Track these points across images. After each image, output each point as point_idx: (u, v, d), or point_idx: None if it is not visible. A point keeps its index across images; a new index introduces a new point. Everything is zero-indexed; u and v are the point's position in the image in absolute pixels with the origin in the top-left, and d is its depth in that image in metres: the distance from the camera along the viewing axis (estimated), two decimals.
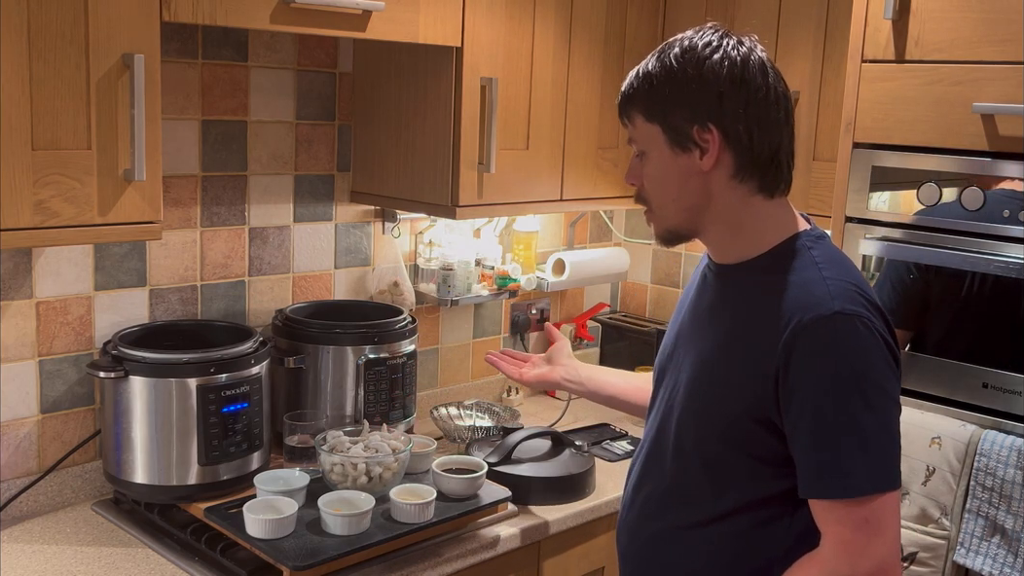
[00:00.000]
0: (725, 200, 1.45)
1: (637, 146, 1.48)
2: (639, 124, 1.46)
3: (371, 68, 2.37)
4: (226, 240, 2.27)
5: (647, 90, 1.44)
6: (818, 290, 1.38)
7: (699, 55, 1.41)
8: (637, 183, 1.51)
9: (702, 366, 1.50)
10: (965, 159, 1.90)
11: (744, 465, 1.45)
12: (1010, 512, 1.83)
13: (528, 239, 2.78)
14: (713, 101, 1.40)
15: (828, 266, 1.42)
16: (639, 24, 2.55)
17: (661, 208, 1.49)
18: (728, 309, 1.49)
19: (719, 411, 1.45)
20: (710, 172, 1.43)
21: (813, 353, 1.35)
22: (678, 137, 1.43)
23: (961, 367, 1.93)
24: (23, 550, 1.88)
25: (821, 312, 1.35)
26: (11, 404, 2.00)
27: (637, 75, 1.46)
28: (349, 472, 1.95)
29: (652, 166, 1.47)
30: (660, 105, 1.43)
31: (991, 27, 1.85)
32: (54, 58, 1.60)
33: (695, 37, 1.44)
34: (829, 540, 1.36)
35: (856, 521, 1.33)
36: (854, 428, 1.34)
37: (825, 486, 1.35)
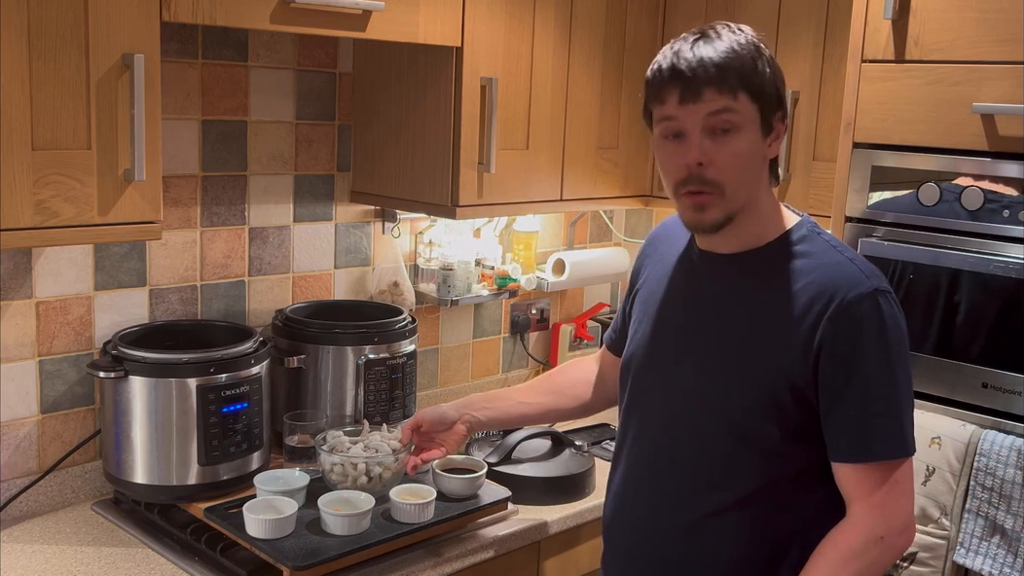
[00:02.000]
0: (762, 186, 1.53)
1: (729, 119, 1.43)
2: (742, 100, 1.44)
3: (371, 68, 2.37)
4: (226, 240, 2.27)
5: (754, 68, 1.45)
6: (850, 269, 1.47)
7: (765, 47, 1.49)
8: (705, 161, 1.44)
9: (729, 349, 1.52)
10: (965, 159, 1.90)
11: (776, 441, 1.49)
12: (1010, 512, 1.83)
13: (528, 239, 2.78)
14: (783, 90, 1.51)
15: (845, 249, 1.53)
16: (639, 24, 2.55)
17: (736, 190, 1.47)
18: (754, 292, 1.52)
19: (756, 388, 1.49)
20: (767, 159, 1.51)
21: (860, 328, 1.43)
22: (768, 121, 1.48)
23: (961, 367, 1.93)
24: (23, 550, 1.88)
25: (862, 290, 1.44)
26: (11, 404, 2.00)
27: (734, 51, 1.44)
28: (349, 472, 1.95)
29: (742, 145, 1.45)
30: (764, 86, 1.46)
31: (991, 27, 1.85)
32: (54, 58, 1.60)
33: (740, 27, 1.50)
34: (862, 504, 1.46)
35: (889, 483, 1.45)
36: (899, 395, 1.45)
37: (876, 449, 1.45)
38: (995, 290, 1.88)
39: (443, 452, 1.94)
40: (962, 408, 1.93)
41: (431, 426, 1.93)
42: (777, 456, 1.50)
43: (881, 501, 1.45)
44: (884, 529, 1.45)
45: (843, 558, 1.45)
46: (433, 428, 1.93)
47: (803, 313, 1.46)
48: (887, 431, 1.45)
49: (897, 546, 1.47)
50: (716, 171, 1.44)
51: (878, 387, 1.44)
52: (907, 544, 1.49)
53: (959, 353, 1.93)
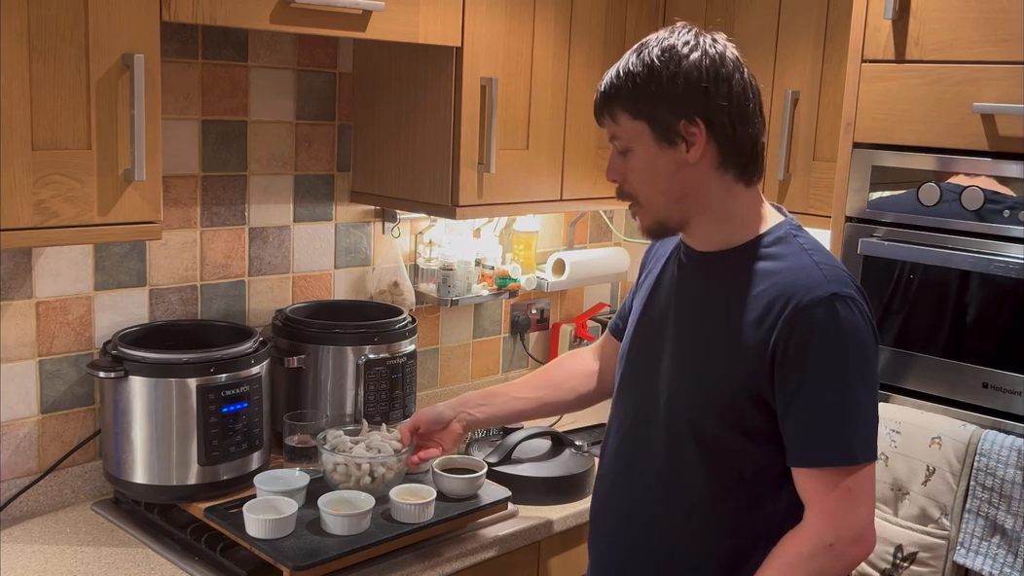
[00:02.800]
0: (711, 190, 1.52)
1: (620, 143, 1.52)
2: (624, 122, 1.50)
3: (371, 68, 2.37)
4: (226, 240, 2.27)
5: (631, 88, 1.48)
6: (814, 274, 1.47)
7: (680, 53, 1.47)
8: (619, 179, 1.55)
9: (696, 348, 1.55)
10: (965, 159, 1.90)
11: (737, 442, 1.51)
12: (1010, 512, 1.83)
13: (528, 239, 2.78)
14: (698, 95, 1.47)
15: (817, 253, 1.52)
16: (639, 24, 2.55)
17: (650, 202, 1.54)
18: (721, 293, 1.54)
19: (716, 389, 1.51)
20: (696, 163, 1.49)
21: (812, 332, 1.43)
22: (665, 132, 1.48)
23: (961, 367, 1.93)
24: (23, 550, 1.88)
25: (819, 294, 1.44)
26: (11, 404, 2.00)
27: (618, 75, 1.50)
28: (352, 472, 1.95)
29: (638, 161, 1.51)
30: (646, 102, 1.48)
31: (991, 27, 1.85)
32: (54, 58, 1.60)
33: (671, 37, 1.49)
34: (815, 510, 1.46)
35: (842, 490, 1.43)
36: (850, 401, 1.44)
37: (821, 455, 1.44)
38: (995, 290, 1.88)
39: (440, 451, 1.94)
40: (962, 408, 1.93)
41: (428, 426, 1.93)
42: (736, 456, 1.51)
43: (833, 508, 1.44)
44: (834, 536, 1.44)
45: (790, 563, 1.45)
46: (431, 428, 1.93)
47: (763, 315, 1.46)
48: (835, 437, 1.44)
49: (848, 555, 1.45)
50: (628, 185, 1.55)
51: (829, 393, 1.43)
52: (860, 554, 1.46)
53: (959, 353, 1.93)
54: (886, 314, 2.03)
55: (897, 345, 2.01)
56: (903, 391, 2.01)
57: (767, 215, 1.56)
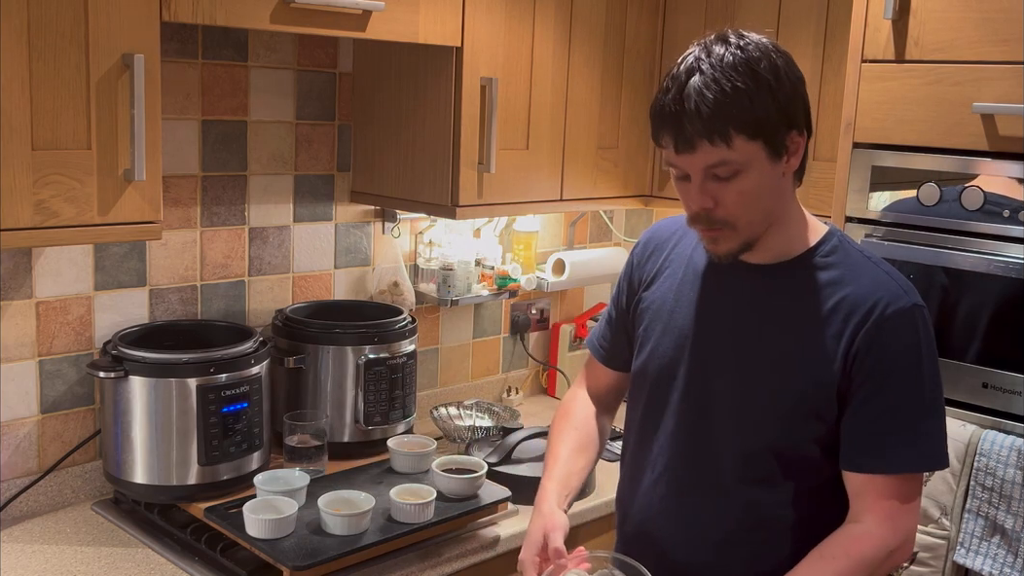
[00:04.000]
0: (789, 199, 1.49)
1: (729, 168, 1.38)
2: (739, 144, 1.36)
3: (371, 68, 2.37)
4: (226, 240, 2.27)
5: (749, 105, 1.35)
6: (889, 284, 1.46)
7: (772, 59, 1.39)
8: (711, 205, 1.41)
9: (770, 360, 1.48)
10: (965, 159, 1.90)
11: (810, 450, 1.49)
12: (1010, 512, 1.83)
13: (528, 239, 2.78)
14: (799, 104, 1.43)
15: (880, 262, 1.51)
16: (639, 24, 2.55)
17: (750, 223, 1.44)
18: (788, 304, 1.49)
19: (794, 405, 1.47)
20: (789, 175, 1.45)
21: (896, 342, 1.43)
22: (777, 147, 1.40)
23: (961, 367, 1.93)
24: (23, 550, 1.88)
25: (902, 304, 1.44)
26: (11, 404, 2.00)
27: (723, 91, 1.35)
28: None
29: (750, 183, 1.39)
30: (763, 117, 1.37)
31: (991, 27, 1.85)
32: (54, 58, 1.60)
33: (742, 40, 1.40)
34: (876, 514, 1.44)
35: (904, 495, 1.45)
36: (927, 413, 1.45)
37: (894, 460, 1.44)
38: (995, 290, 1.88)
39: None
40: (962, 408, 1.93)
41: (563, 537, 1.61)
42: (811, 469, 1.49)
43: (894, 513, 1.44)
44: (896, 542, 1.44)
45: (855, 566, 1.43)
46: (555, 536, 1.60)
47: (841, 326, 1.44)
48: (911, 445, 1.44)
49: (900, 561, 1.48)
50: (724, 211, 1.42)
51: (909, 401, 1.44)
52: (905, 560, 1.50)
53: (959, 353, 1.94)
54: None
55: None
56: None
57: (811, 220, 1.54)
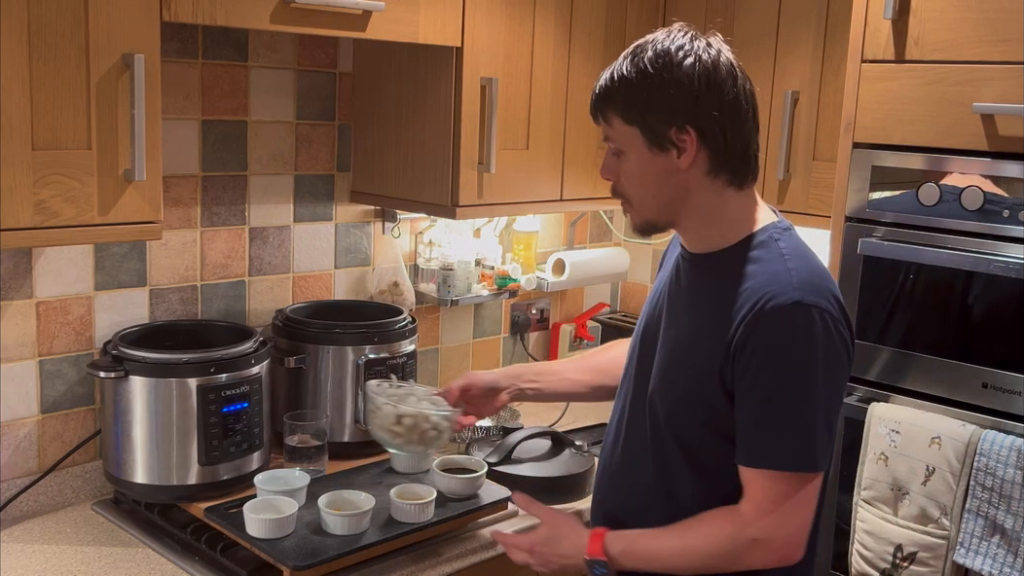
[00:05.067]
0: (701, 194, 1.53)
1: (613, 145, 1.54)
2: (616, 125, 1.51)
3: (371, 68, 2.37)
4: (226, 240, 2.27)
5: (624, 93, 1.49)
6: (782, 280, 1.47)
7: (673, 59, 1.47)
8: (613, 178, 1.56)
9: (675, 348, 1.58)
10: (965, 159, 1.90)
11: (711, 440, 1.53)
12: (1010, 512, 1.83)
13: (528, 239, 2.78)
14: (690, 104, 1.47)
15: (793, 258, 1.51)
16: (639, 24, 2.55)
17: (641, 203, 1.56)
18: (701, 295, 1.56)
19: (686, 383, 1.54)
20: (687, 169, 1.50)
21: (769, 337, 1.44)
22: (656, 138, 1.49)
23: (961, 367, 1.93)
24: (23, 550, 1.88)
25: (782, 300, 1.44)
26: (11, 404, 2.00)
27: (612, 78, 1.50)
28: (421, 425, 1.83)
29: (630, 164, 1.52)
30: (638, 108, 1.48)
31: (991, 27, 1.85)
32: (54, 58, 1.60)
33: (666, 40, 1.49)
34: (750, 504, 1.48)
35: (777, 494, 1.46)
36: (791, 409, 1.45)
37: (757, 457, 1.47)
38: (995, 290, 1.88)
39: (474, 420, 1.91)
40: (962, 408, 1.93)
41: (481, 391, 1.90)
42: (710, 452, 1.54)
43: (764, 507, 1.46)
44: (760, 532, 1.46)
45: (710, 536, 1.49)
46: (483, 394, 1.90)
47: (733, 317, 1.48)
48: (768, 442, 1.46)
49: (769, 555, 1.47)
50: (620, 186, 1.57)
51: (770, 397, 1.45)
52: (781, 560, 1.48)
53: (959, 353, 1.94)
54: (886, 314, 2.03)
55: (897, 345, 2.01)
56: (903, 391, 2.01)
57: (759, 218, 1.56)
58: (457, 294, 2.57)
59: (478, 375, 1.92)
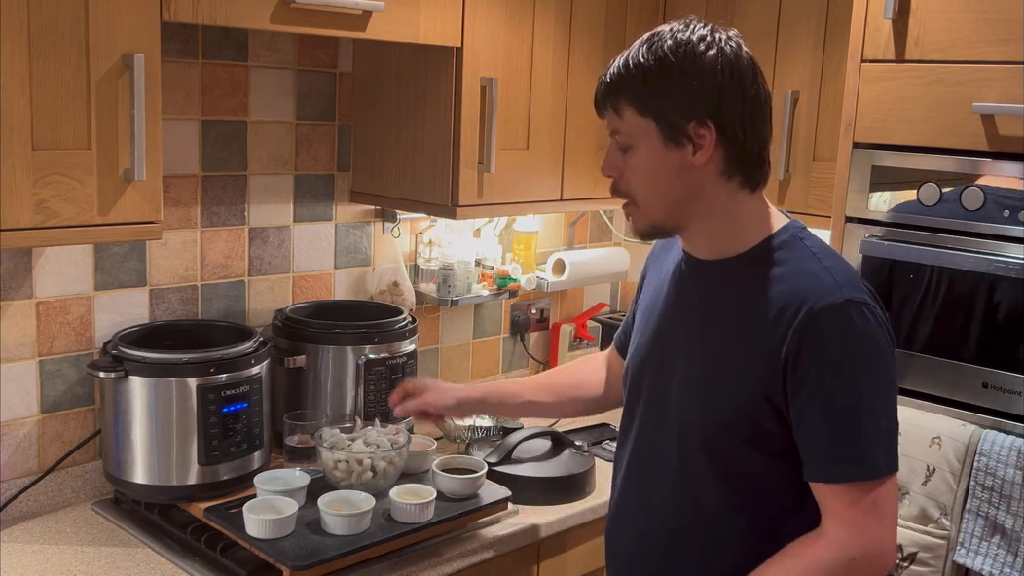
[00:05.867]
0: (713, 195, 1.45)
1: (622, 139, 1.45)
2: (629, 117, 1.43)
3: (371, 68, 2.37)
4: (226, 240, 2.27)
5: (642, 81, 1.41)
6: (825, 278, 1.40)
7: (695, 48, 1.39)
8: (616, 175, 1.48)
9: (706, 361, 1.48)
10: (965, 159, 1.90)
11: (751, 456, 1.45)
12: (1010, 512, 1.83)
13: (528, 239, 2.78)
14: (712, 96, 1.39)
15: (826, 256, 1.45)
16: (639, 24, 2.55)
17: (647, 202, 1.47)
18: (729, 303, 1.48)
19: (727, 401, 1.45)
20: (702, 167, 1.43)
21: (825, 339, 1.37)
22: (672, 132, 1.41)
23: (961, 367, 1.93)
24: (23, 550, 1.88)
25: (832, 300, 1.37)
26: (11, 404, 2.00)
27: (627, 66, 1.42)
28: (354, 468, 1.95)
29: (640, 159, 1.44)
30: (657, 99, 1.40)
31: (991, 27, 1.85)
32: (54, 58, 1.60)
33: (686, 30, 1.42)
34: (836, 521, 1.39)
35: (866, 504, 1.37)
36: (867, 412, 1.38)
37: (839, 470, 1.38)
38: (995, 290, 1.88)
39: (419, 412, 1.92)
40: (962, 408, 1.93)
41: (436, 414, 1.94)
42: (751, 471, 1.46)
43: (856, 521, 1.38)
44: (857, 550, 1.37)
45: (807, 569, 1.39)
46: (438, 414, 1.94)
47: (774, 323, 1.40)
48: (852, 451, 1.38)
49: (867, 571, 1.39)
50: (625, 183, 1.48)
51: (844, 404, 1.37)
52: (879, 570, 1.40)
53: (959, 353, 1.93)
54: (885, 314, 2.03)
55: (897, 345, 2.00)
56: (903, 391, 2.01)
57: (771, 220, 1.50)
58: (457, 294, 2.57)
59: (438, 402, 1.91)
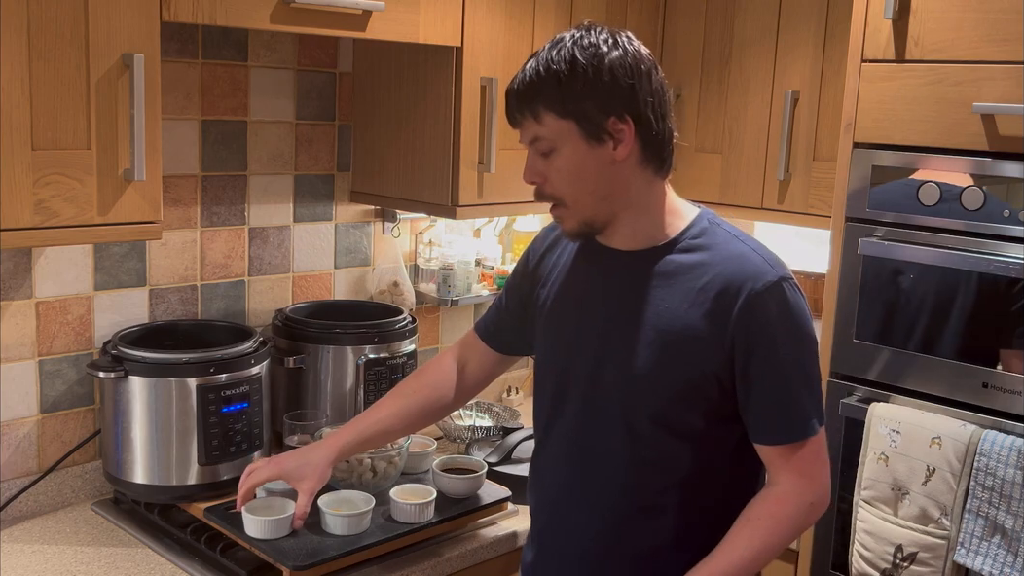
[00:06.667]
0: (635, 186, 1.52)
1: (544, 144, 1.49)
2: (549, 121, 1.47)
3: (371, 68, 2.37)
4: (226, 240, 2.27)
5: (557, 85, 1.45)
6: (755, 259, 1.51)
7: (601, 50, 1.46)
8: (540, 180, 1.52)
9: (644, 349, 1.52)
10: (965, 159, 1.90)
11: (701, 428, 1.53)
12: (1010, 512, 1.83)
13: (528, 239, 2.77)
14: (626, 92, 1.47)
15: (747, 239, 1.56)
16: (639, 24, 2.55)
17: (577, 202, 1.52)
18: (661, 290, 1.53)
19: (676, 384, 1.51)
20: (623, 160, 1.49)
21: (770, 317, 1.48)
22: (594, 130, 1.47)
23: (961, 367, 1.93)
24: (23, 550, 1.88)
25: (768, 279, 1.49)
26: (11, 404, 2.00)
27: (538, 71, 1.47)
28: (354, 468, 1.95)
29: (564, 161, 1.49)
30: (574, 100, 1.45)
31: (991, 27, 1.85)
32: (54, 58, 1.60)
33: (586, 35, 1.48)
34: (790, 476, 1.52)
35: (811, 454, 1.53)
36: (809, 378, 1.52)
37: (794, 431, 1.51)
38: (995, 290, 1.88)
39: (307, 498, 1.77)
40: (962, 408, 1.93)
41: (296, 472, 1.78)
42: (707, 440, 1.54)
43: (807, 471, 1.52)
44: (812, 495, 1.53)
45: (780, 524, 1.51)
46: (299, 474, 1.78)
47: (713, 307, 1.49)
48: (805, 412, 1.51)
49: (819, 511, 1.55)
50: (551, 187, 1.52)
51: (792, 372, 1.50)
52: (824, 508, 1.56)
53: (959, 353, 1.93)
54: (886, 314, 2.03)
55: (897, 345, 2.01)
56: (903, 391, 2.01)
57: (682, 207, 1.58)
58: (457, 294, 2.57)
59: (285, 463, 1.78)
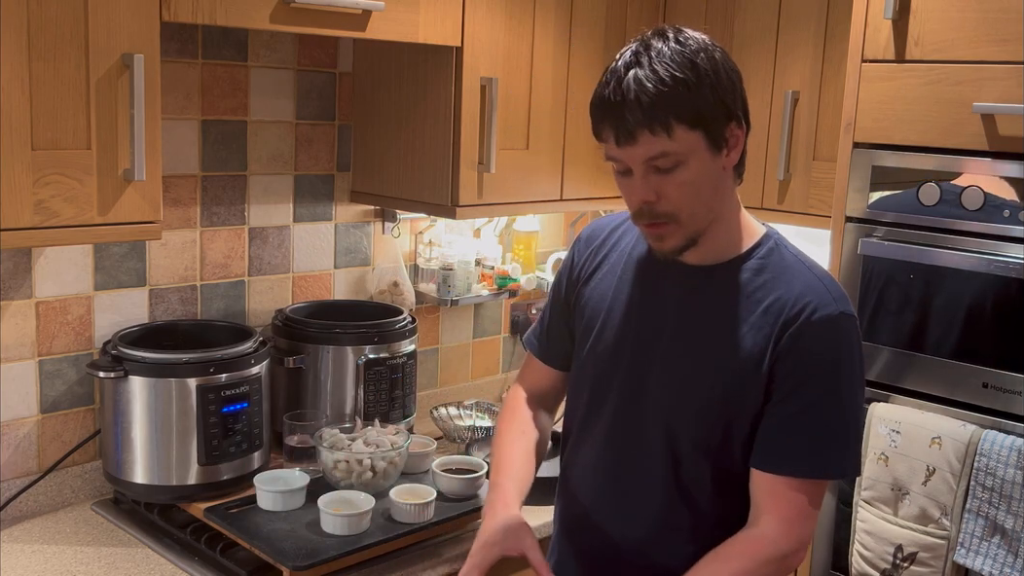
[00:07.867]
0: (730, 194, 1.47)
1: (670, 159, 1.36)
2: (680, 134, 1.35)
3: (371, 68, 2.37)
4: (226, 240, 2.27)
5: (688, 94, 1.34)
6: (819, 288, 1.44)
7: (710, 52, 1.38)
8: (654, 199, 1.40)
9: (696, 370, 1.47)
10: (965, 159, 1.90)
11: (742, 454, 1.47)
12: (1010, 512, 1.83)
13: (528, 239, 2.78)
14: (738, 95, 1.41)
15: (813, 265, 1.49)
16: (639, 24, 2.55)
17: (692, 216, 1.41)
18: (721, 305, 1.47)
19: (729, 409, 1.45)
20: (729, 168, 1.43)
21: (818, 349, 1.42)
22: (717, 139, 1.38)
23: (961, 367, 1.93)
24: (23, 550, 1.88)
25: (828, 312, 1.42)
26: (11, 404, 2.00)
27: (663, 82, 1.34)
28: (354, 468, 1.95)
29: (691, 174, 1.38)
30: (704, 109, 1.36)
31: (991, 27, 1.85)
32: (54, 58, 1.60)
33: (680, 35, 1.40)
34: (775, 517, 1.43)
35: (805, 501, 1.43)
36: (840, 419, 1.43)
37: (795, 466, 1.42)
38: (995, 290, 1.88)
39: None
40: (962, 408, 1.93)
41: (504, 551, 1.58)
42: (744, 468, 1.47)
43: (793, 518, 1.43)
44: (789, 548, 1.43)
45: (749, 568, 1.42)
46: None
47: (769, 329, 1.43)
48: (818, 450, 1.42)
49: (794, 565, 1.45)
50: (667, 204, 1.40)
51: (821, 407, 1.42)
52: (797, 565, 1.46)
53: (959, 353, 1.93)
54: (886, 314, 2.03)
55: (897, 345, 2.01)
56: (903, 391, 2.01)
57: (752, 222, 1.52)
58: (457, 294, 2.57)
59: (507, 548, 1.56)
